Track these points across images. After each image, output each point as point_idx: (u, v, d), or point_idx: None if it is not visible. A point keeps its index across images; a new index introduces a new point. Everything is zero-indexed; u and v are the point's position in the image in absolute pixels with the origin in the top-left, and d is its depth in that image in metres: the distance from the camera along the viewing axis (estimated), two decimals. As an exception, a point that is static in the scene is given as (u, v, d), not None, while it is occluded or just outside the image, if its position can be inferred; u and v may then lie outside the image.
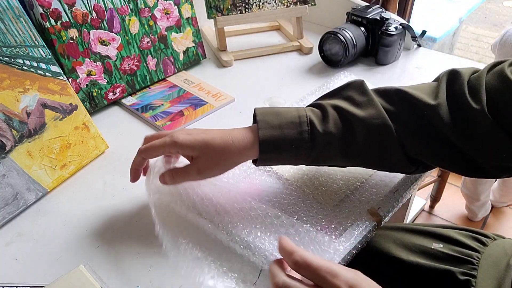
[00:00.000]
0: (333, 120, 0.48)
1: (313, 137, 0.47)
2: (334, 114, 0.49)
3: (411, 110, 0.48)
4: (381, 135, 0.48)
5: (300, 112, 0.49)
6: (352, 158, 0.50)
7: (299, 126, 0.47)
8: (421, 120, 0.48)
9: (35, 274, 0.47)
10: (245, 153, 0.48)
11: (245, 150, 0.48)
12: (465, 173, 0.51)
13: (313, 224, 0.51)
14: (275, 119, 0.48)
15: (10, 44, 0.53)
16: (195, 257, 0.47)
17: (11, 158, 0.53)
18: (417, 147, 0.49)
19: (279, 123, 0.48)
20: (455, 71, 0.49)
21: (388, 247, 0.62)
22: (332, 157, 0.50)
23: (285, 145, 0.47)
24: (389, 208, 0.54)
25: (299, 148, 0.48)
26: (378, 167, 0.53)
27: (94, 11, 0.69)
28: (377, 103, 0.49)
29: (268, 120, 0.48)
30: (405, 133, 0.48)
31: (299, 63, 0.89)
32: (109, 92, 0.74)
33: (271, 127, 0.47)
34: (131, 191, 0.57)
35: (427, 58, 0.90)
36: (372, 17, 0.84)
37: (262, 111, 0.49)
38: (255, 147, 0.48)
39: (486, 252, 0.58)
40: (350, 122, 0.48)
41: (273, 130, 0.47)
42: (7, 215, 0.53)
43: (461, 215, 1.66)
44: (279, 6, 0.90)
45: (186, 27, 0.83)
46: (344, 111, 0.48)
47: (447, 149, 0.48)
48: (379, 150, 0.49)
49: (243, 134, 0.48)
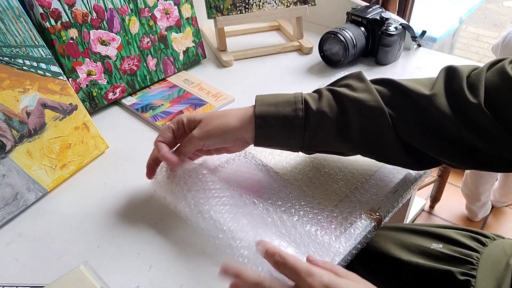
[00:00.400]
0: (327, 101, 0.50)
1: (307, 115, 0.50)
2: (328, 95, 0.51)
3: (405, 99, 0.49)
4: (375, 118, 0.49)
5: (296, 94, 0.52)
6: (347, 141, 0.51)
7: (293, 104, 0.50)
8: (416, 109, 0.49)
9: (35, 274, 0.47)
10: (243, 126, 0.50)
11: (243, 123, 0.50)
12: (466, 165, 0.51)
13: (313, 225, 0.51)
14: (272, 98, 0.51)
15: (10, 44, 0.53)
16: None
17: (11, 158, 0.53)
18: (413, 134, 0.49)
19: (275, 101, 0.51)
20: (453, 67, 0.50)
21: (388, 247, 0.62)
22: (326, 139, 0.51)
23: (279, 121, 0.50)
24: (389, 208, 0.54)
25: (292, 126, 0.50)
26: (375, 155, 0.53)
27: (94, 11, 0.69)
28: (373, 89, 0.50)
29: (265, 99, 0.51)
30: (400, 120, 0.49)
31: (299, 63, 0.89)
32: (109, 92, 0.74)
33: (267, 104, 0.51)
34: (131, 191, 0.58)
35: (427, 58, 0.90)
36: (372, 17, 0.84)
37: (262, 95, 0.53)
38: (252, 122, 0.50)
39: (485, 252, 0.58)
40: (344, 103, 0.50)
41: (268, 106, 0.50)
42: (7, 215, 0.53)
43: (461, 215, 1.66)
44: (279, 6, 0.90)
45: (186, 27, 0.83)
46: (339, 93, 0.50)
47: (444, 139, 0.48)
48: (374, 134, 0.50)
49: (243, 109, 0.52)
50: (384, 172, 0.59)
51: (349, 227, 0.50)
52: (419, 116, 0.48)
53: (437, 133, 0.48)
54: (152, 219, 0.53)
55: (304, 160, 0.61)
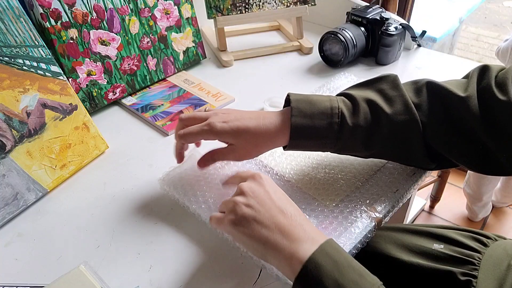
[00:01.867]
0: (363, 114, 0.50)
1: (341, 129, 0.50)
2: (365, 108, 0.51)
3: (439, 101, 0.50)
4: (405, 130, 0.50)
5: (333, 103, 0.51)
6: (373, 147, 0.52)
7: (330, 117, 0.50)
8: (449, 112, 0.50)
9: (35, 274, 0.47)
10: (276, 138, 0.51)
11: (276, 136, 0.51)
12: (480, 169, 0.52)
13: (313, 225, 0.51)
14: (308, 108, 0.50)
15: (10, 44, 0.53)
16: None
17: (11, 158, 0.53)
18: (441, 138, 0.50)
19: (311, 112, 0.50)
20: (486, 66, 0.51)
21: (388, 248, 0.62)
22: (355, 147, 0.52)
23: (313, 134, 0.50)
24: (389, 208, 0.54)
25: (326, 138, 0.50)
26: (397, 159, 0.55)
27: (94, 11, 0.69)
28: (407, 98, 0.51)
29: (301, 108, 0.50)
30: (431, 124, 0.50)
31: (299, 63, 0.89)
32: (109, 92, 0.74)
33: (303, 115, 0.50)
34: (131, 191, 0.58)
35: (427, 58, 0.90)
36: (372, 17, 0.84)
37: (296, 98, 0.51)
38: (286, 133, 0.50)
39: (487, 252, 0.58)
40: (379, 117, 0.50)
41: (305, 118, 0.50)
42: (7, 215, 0.53)
43: (461, 215, 1.66)
44: (279, 6, 0.90)
45: (186, 27, 0.83)
46: (377, 106, 0.50)
47: (469, 142, 0.50)
48: (402, 143, 0.51)
49: (275, 120, 0.51)
50: (384, 172, 0.59)
51: (349, 226, 0.50)
52: (450, 118, 0.50)
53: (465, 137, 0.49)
54: (152, 219, 0.53)
55: (305, 161, 0.61)
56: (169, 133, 0.68)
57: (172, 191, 0.55)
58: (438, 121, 0.50)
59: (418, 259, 0.59)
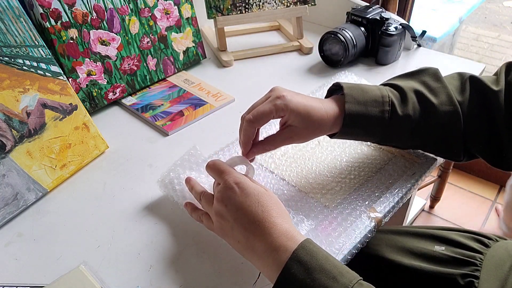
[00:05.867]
0: (412, 104, 0.51)
1: (392, 117, 0.50)
2: (413, 98, 0.51)
3: (479, 96, 0.52)
4: (449, 120, 0.51)
5: (383, 92, 0.51)
6: (419, 137, 0.53)
7: (381, 105, 0.50)
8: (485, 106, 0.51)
9: (35, 274, 0.47)
10: (332, 124, 0.50)
11: (334, 122, 0.50)
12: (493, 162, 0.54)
13: (313, 225, 0.51)
14: (361, 95, 0.50)
15: (10, 44, 0.53)
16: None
17: (11, 158, 0.53)
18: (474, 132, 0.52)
19: (364, 99, 0.50)
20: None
21: (390, 252, 0.62)
22: (401, 136, 0.53)
23: (366, 121, 0.50)
24: (389, 208, 0.54)
25: (376, 125, 0.51)
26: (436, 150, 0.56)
27: (94, 11, 0.69)
28: (450, 90, 0.52)
29: (354, 95, 0.50)
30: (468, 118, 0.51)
31: (299, 63, 0.89)
32: (109, 92, 0.74)
33: (357, 102, 0.50)
34: (131, 191, 0.58)
35: (427, 58, 0.90)
36: (372, 17, 0.84)
37: (349, 86, 0.51)
38: (339, 120, 0.50)
39: (489, 253, 0.58)
40: (426, 107, 0.51)
41: (359, 105, 0.50)
42: (7, 215, 0.53)
43: (460, 215, 1.66)
44: (279, 6, 0.90)
45: (186, 27, 0.83)
46: (424, 97, 0.51)
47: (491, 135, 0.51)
48: (445, 133, 0.52)
49: (331, 106, 0.50)
50: (384, 172, 0.59)
51: (349, 226, 0.50)
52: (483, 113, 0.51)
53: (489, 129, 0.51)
54: (152, 219, 0.53)
55: (305, 162, 0.61)
56: (169, 133, 0.68)
57: (171, 193, 0.54)
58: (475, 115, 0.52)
59: (419, 262, 0.59)
